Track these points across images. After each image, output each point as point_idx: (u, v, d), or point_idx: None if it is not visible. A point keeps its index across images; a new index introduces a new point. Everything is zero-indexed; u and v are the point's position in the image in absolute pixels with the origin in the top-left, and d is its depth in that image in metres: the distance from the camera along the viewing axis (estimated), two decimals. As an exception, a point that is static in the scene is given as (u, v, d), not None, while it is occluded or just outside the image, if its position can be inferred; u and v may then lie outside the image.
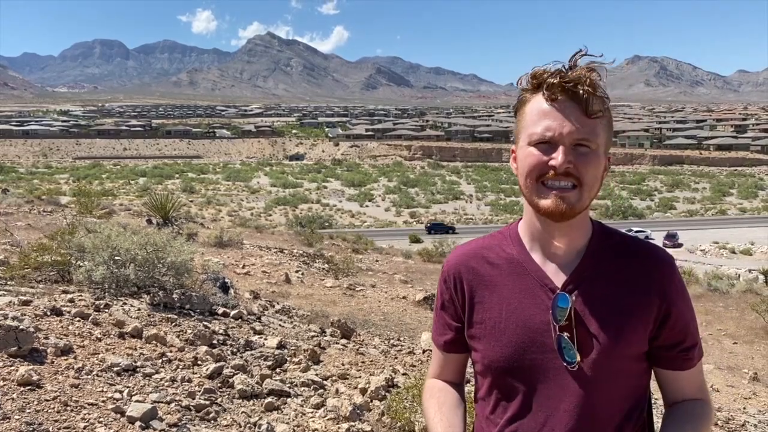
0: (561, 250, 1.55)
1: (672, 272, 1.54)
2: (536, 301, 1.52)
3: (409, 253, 25.49)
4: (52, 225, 13.33)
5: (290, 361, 5.82)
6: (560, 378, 1.49)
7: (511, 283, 1.56)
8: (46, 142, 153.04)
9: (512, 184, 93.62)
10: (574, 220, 1.50)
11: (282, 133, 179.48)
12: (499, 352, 1.53)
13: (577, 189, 1.44)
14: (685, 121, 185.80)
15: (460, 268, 1.64)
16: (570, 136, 1.42)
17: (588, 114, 1.43)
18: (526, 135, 1.48)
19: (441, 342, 1.72)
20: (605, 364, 1.47)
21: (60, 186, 71.49)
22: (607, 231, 1.60)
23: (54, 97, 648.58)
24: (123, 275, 6.42)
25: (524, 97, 1.51)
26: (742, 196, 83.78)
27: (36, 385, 3.89)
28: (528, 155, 1.47)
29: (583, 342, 1.47)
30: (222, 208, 65.00)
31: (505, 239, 1.64)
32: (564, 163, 1.42)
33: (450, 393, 1.71)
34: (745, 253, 44.57)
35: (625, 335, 1.48)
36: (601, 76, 1.46)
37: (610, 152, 1.54)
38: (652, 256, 1.54)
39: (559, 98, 1.44)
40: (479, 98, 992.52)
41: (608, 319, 1.48)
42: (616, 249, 1.56)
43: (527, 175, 1.48)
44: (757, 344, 13.06)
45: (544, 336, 1.50)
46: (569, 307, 1.48)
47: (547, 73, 1.46)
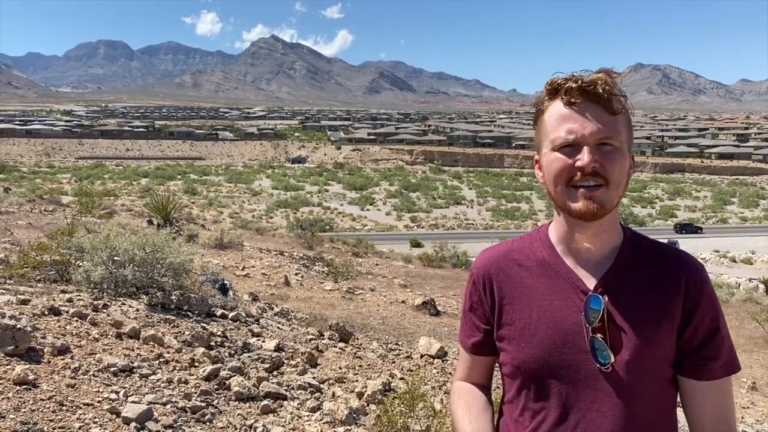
0: (592, 253, 1.56)
1: (702, 278, 1.54)
2: (568, 303, 1.53)
3: (410, 258, 25.47)
4: (53, 224, 13.34)
5: (287, 364, 5.81)
6: (592, 380, 1.49)
7: (542, 285, 1.57)
8: (49, 142, 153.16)
9: (514, 190, 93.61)
10: (604, 222, 1.51)
11: (284, 136, 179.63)
12: (530, 353, 1.54)
13: (604, 187, 1.45)
14: (687, 129, 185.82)
15: (490, 270, 1.65)
16: (593, 136, 1.44)
17: (608, 112, 1.45)
18: (548, 141, 1.50)
19: (469, 344, 1.72)
20: (638, 366, 1.47)
21: (62, 186, 71.68)
22: (637, 235, 1.61)
23: (57, 97, 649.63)
24: (121, 276, 6.42)
25: (542, 105, 1.53)
26: (743, 205, 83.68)
27: (32, 384, 3.89)
28: (554, 160, 1.48)
29: (616, 343, 1.48)
30: (223, 209, 65.01)
31: (535, 242, 1.65)
32: (590, 162, 1.43)
33: (478, 396, 1.72)
34: (746, 262, 44.52)
35: (656, 337, 1.49)
36: (615, 79, 1.48)
37: (632, 150, 1.56)
38: (683, 261, 1.55)
39: (578, 101, 1.46)
40: (482, 104, 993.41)
41: (640, 321, 1.49)
42: (647, 253, 1.57)
43: (555, 179, 1.49)
44: (756, 353, 13.03)
45: (576, 338, 1.50)
46: (602, 309, 1.48)
47: (563, 80, 1.48)
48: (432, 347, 7.78)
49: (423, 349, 7.84)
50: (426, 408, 4.52)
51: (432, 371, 7.01)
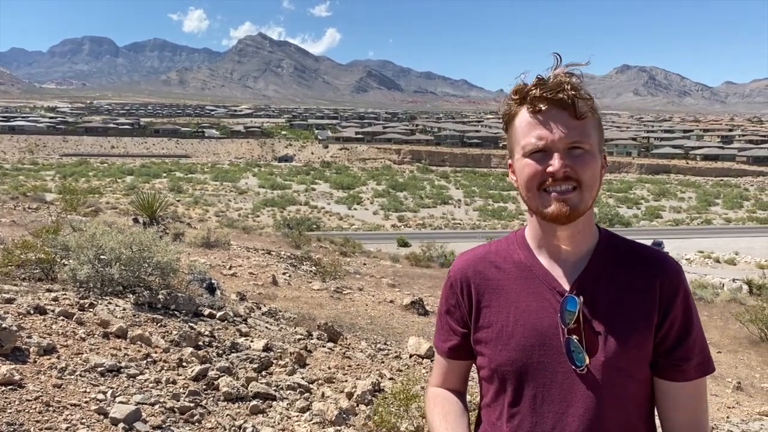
0: (568, 254, 1.56)
1: (677, 279, 1.54)
2: (544, 304, 1.53)
3: (397, 257, 25.46)
4: (37, 222, 13.19)
5: (276, 364, 5.78)
6: (568, 381, 1.49)
7: (518, 287, 1.57)
8: (32, 138, 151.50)
9: (501, 189, 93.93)
10: (578, 224, 1.51)
11: (271, 134, 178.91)
12: (507, 355, 1.53)
13: (577, 190, 1.46)
14: (672, 130, 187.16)
15: (467, 272, 1.65)
16: (562, 141, 1.44)
17: (576, 117, 1.45)
18: (519, 147, 1.50)
19: (445, 348, 1.71)
20: (613, 367, 1.47)
21: (46, 183, 70.89)
22: (613, 237, 1.61)
23: (42, 93, 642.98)
24: (108, 274, 6.35)
25: (511, 111, 1.53)
26: (727, 206, 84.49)
27: (18, 384, 3.83)
28: (525, 166, 1.49)
29: (592, 344, 1.48)
30: (209, 208, 64.62)
31: (511, 244, 1.65)
32: (561, 167, 1.44)
33: (454, 402, 1.71)
34: (730, 262, 44.96)
35: (632, 338, 1.49)
36: (581, 78, 1.48)
37: (604, 150, 1.56)
38: (659, 261, 1.55)
39: (545, 108, 1.46)
40: (469, 104, 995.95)
41: (616, 321, 1.49)
42: (624, 254, 1.57)
43: (527, 185, 1.49)
44: (740, 354, 13.14)
45: (552, 339, 1.50)
46: (578, 310, 1.48)
47: (527, 87, 1.48)
48: (421, 347, 7.78)
49: (412, 349, 7.84)
50: (419, 408, 4.51)
51: (421, 371, 7.00)
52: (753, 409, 9.00)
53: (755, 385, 10.96)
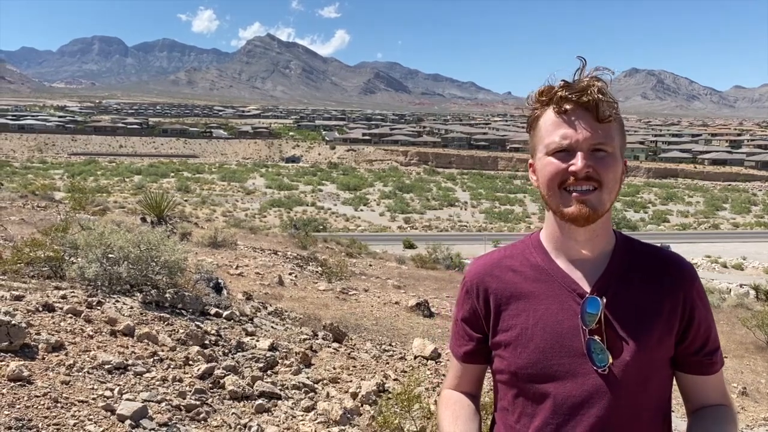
0: (586, 256, 1.57)
1: (693, 278, 1.58)
2: (564, 306, 1.54)
3: (403, 259, 25.45)
4: (46, 220, 13.29)
5: (282, 364, 5.81)
6: (590, 383, 1.49)
7: (537, 290, 1.58)
8: (41, 137, 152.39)
9: (507, 192, 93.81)
10: (597, 225, 1.53)
11: (279, 134, 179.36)
12: (527, 358, 1.54)
13: (597, 191, 1.47)
14: (680, 134, 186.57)
15: (484, 278, 1.65)
16: (587, 141, 1.46)
17: (600, 119, 1.47)
18: (543, 146, 1.52)
19: (460, 353, 1.72)
20: (635, 367, 1.49)
21: (54, 182, 71.23)
22: (630, 239, 1.63)
23: (51, 93, 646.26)
24: (116, 273, 6.40)
25: (536, 112, 1.55)
26: (735, 211, 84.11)
27: (26, 380, 3.88)
28: (547, 164, 1.50)
29: (613, 345, 1.50)
30: (217, 208, 64.88)
31: (527, 248, 1.66)
32: (584, 167, 1.45)
33: (466, 404, 1.72)
34: (737, 267, 44.78)
35: (653, 338, 1.51)
36: (607, 83, 1.50)
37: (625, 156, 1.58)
38: (676, 263, 1.58)
39: (571, 108, 1.48)
40: (477, 106, 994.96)
41: (637, 322, 1.51)
42: (640, 256, 1.59)
43: (549, 182, 1.51)
44: (746, 359, 13.09)
45: (573, 341, 1.51)
46: (599, 311, 1.50)
47: (554, 88, 1.50)
48: (426, 348, 7.79)
49: (417, 351, 7.85)
50: (422, 409, 4.53)
51: (426, 372, 7.01)
52: (758, 415, 8.96)
53: (761, 390, 10.91)
